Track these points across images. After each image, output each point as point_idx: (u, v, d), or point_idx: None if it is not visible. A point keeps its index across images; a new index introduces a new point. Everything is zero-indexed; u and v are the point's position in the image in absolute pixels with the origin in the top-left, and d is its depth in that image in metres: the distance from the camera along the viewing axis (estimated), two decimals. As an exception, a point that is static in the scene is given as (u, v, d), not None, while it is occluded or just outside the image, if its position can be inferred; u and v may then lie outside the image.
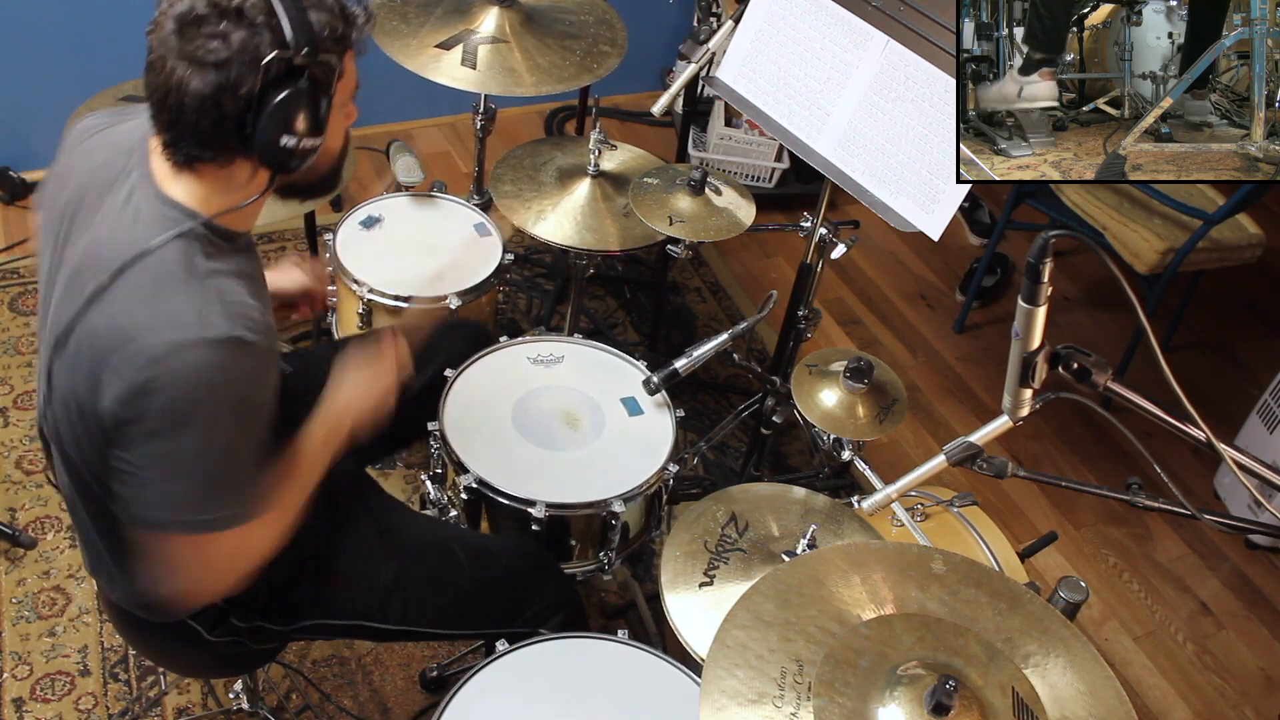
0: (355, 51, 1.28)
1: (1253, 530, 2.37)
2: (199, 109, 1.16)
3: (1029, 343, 1.20)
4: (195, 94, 1.15)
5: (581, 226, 2.23)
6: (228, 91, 1.16)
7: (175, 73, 1.15)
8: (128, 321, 1.18)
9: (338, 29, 1.22)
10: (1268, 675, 2.54)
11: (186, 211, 1.24)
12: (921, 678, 1.12)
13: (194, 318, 1.18)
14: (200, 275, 1.22)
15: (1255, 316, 3.62)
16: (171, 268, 1.21)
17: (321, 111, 1.23)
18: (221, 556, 1.30)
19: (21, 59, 2.95)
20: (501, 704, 1.47)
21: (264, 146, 1.20)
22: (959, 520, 1.97)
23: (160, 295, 1.19)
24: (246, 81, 1.15)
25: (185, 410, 1.17)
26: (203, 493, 1.22)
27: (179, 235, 1.22)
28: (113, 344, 1.18)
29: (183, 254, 1.22)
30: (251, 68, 1.15)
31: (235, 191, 1.26)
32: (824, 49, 1.90)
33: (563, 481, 1.78)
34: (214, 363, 1.18)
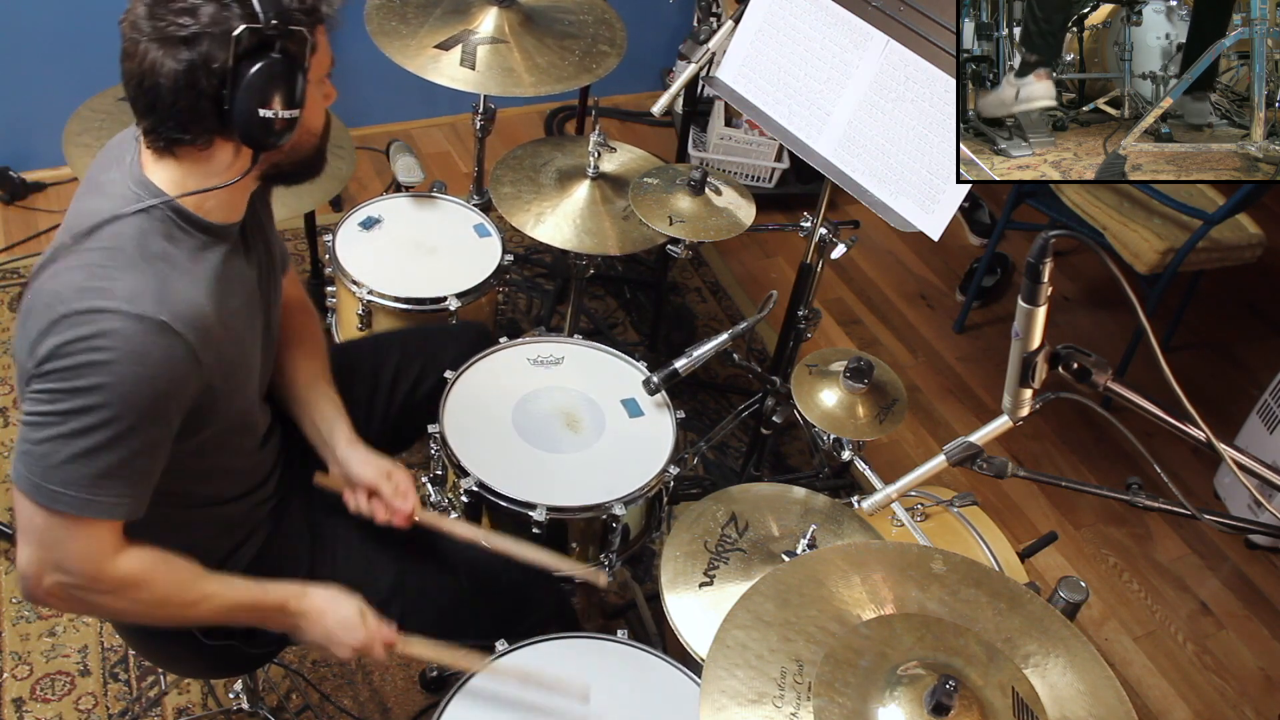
0: (327, 27, 1.28)
1: (1253, 530, 2.37)
2: (174, 89, 1.17)
3: (1029, 343, 1.20)
4: (170, 74, 1.16)
5: (581, 229, 2.23)
6: (201, 68, 1.16)
7: (148, 55, 1.16)
8: (67, 285, 1.18)
9: (306, 1, 1.22)
10: (1268, 675, 2.54)
11: (154, 190, 1.25)
12: (921, 678, 1.12)
13: (124, 291, 1.18)
14: (151, 257, 1.22)
15: (1255, 316, 3.62)
16: (123, 242, 1.21)
17: (297, 83, 1.22)
18: (62, 544, 1.23)
19: (21, 59, 2.95)
20: (501, 704, 1.47)
21: (242, 121, 1.19)
22: (959, 520, 1.97)
23: (105, 268, 1.19)
24: (219, 56, 1.16)
25: (87, 375, 1.15)
26: (65, 461, 1.18)
27: (140, 211, 1.22)
28: (49, 304, 1.18)
29: (139, 231, 1.22)
30: (222, 41, 1.15)
31: (215, 176, 1.26)
32: (824, 49, 1.90)
33: (563, 484, 1.78)
34: (127, 335, 1.16)
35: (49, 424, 1.17)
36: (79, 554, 1.24)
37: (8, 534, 2.28)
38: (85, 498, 1.20)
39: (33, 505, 1.21)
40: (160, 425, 1.23)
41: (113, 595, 1.29)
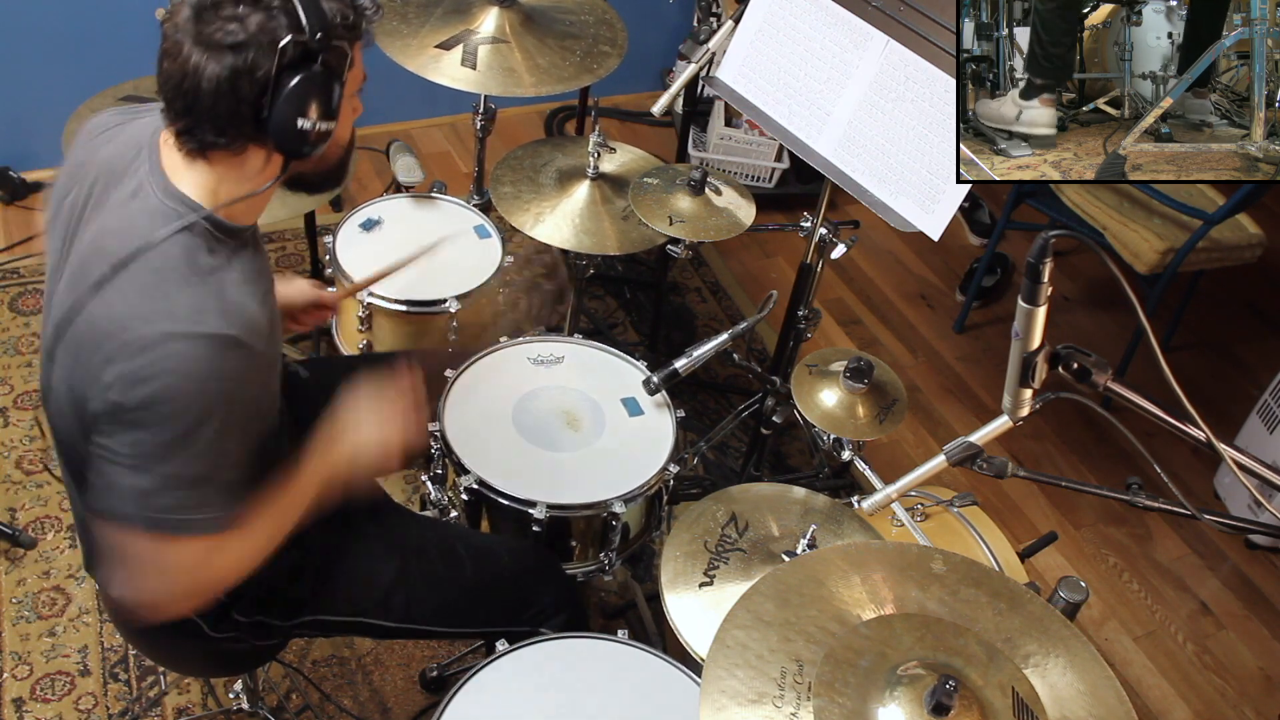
0: (364, 43, 1.29)
1: (1253, 530, 2.37)
2: (215, 93, 1.17)
3: (1029, 343, 1.20)
4: (212, 78, 1.17)
5: (580, 230, 2.23)
6: (245, 75, 1.17)
7: (191, 58, 1.17)
8: (125, 311, 1.18)
9: (349, 17, 1.24)
10: (1268, 675, 2.54)
11: (190, 204, 1.24)
12: (921, 678, 1.12)
13: (189, 312, 1.18)
14: (202, 272, 1.22)
15: (1255, 316, 3.62)
16: (174, 262, 1.21)
17: (335, 97, 1.24)
18: (181, 565, 1.26)
19: (21, 59, 2.95)
20: (501, 704, 1.47)
21: (279, 130, 1.21)
22: (959, 520, 1.97)
23: (160, 288, 1.20)
24: (263, 65, 1.17)
25: (167, 402, 1.17)
26: (173, 490, 1.20)
27: (182, 229, 1.22)
28: (108, 332, 1.18)
29: (185, 249, 1.22)
30: (268, 51, 1.17)
31: (246, 181, 1.27)
32: (824, 49, 1.90)
33: (563, 482, 1.78)
34: (203, 358, 1.17)
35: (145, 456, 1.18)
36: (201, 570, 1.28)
37: (8, 534, 2.28)
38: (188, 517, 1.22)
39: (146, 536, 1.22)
40: (242, 433, 1.26)
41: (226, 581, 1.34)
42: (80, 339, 1.22)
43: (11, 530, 2.29)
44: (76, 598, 2.23)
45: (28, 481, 2.43)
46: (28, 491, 2.41)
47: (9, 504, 2.38)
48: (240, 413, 1.25)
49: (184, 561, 1.26)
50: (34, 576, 2.26)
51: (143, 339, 1.16)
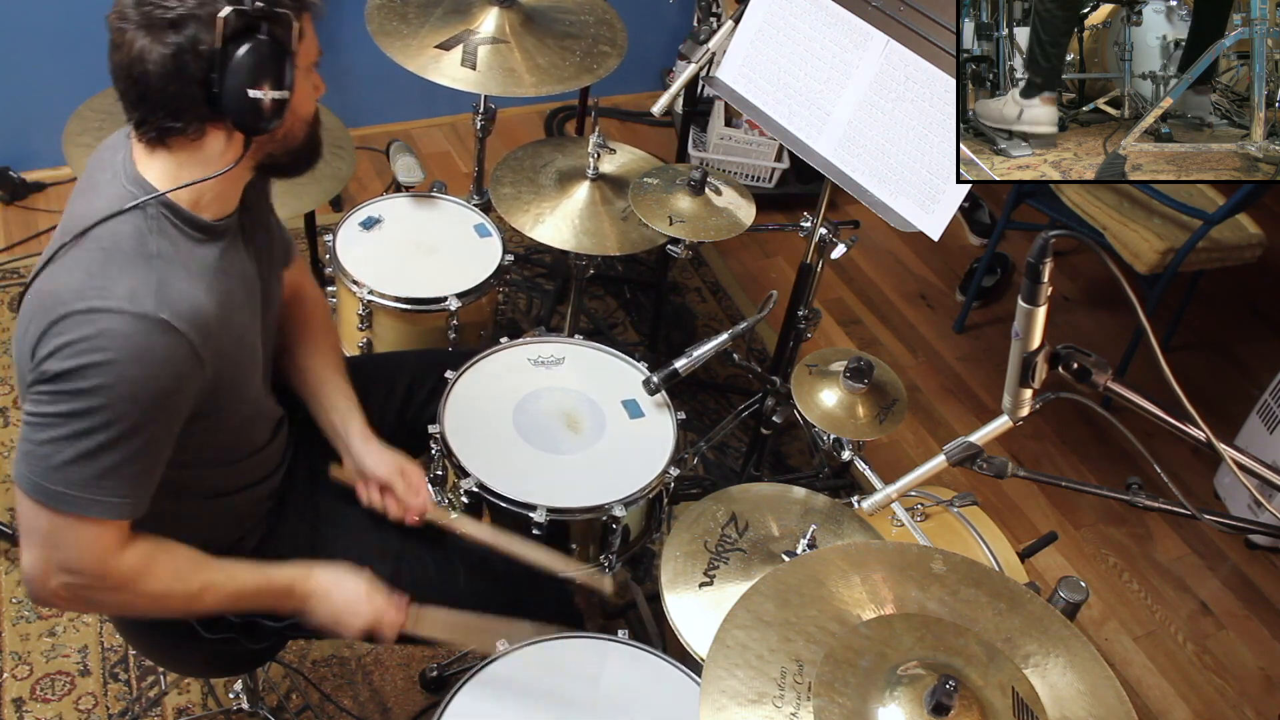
0: (313, 15, 1.28)
1: (1253, 530, 2.37)
2: (163, 75, 1.18)
3: (1029, 343, 1.20)
4: (158, 59, 1.17)
5: (580, 230, 2.23)
6: (189, 51, 1.17)
7: (135, 43, 1.17)
8: (65, 285, 1.19)
9: None
10: (1268, 675, 2.54)
11: (147, 188, 1.25)
12: (921, 678, 1.12)
13: (125, 291, 1.18)
14: (149, 255, 1.22)
15: (1255, 316, 3.62)
16: (121, 241, 1.22)
17: (285, 65, 1.23)
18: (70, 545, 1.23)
19: (21, 59, 2.95)
20: (501, 704, 1.47)
21: (232, 103, 1.20)
22: (959, 520, 1.97)
23: (103, 266, 1.20)
24: (205, 39, 1.17)
25: (85, 374, 1.16)
26: (76, 464, 1.18)
27: (135, 209, 1.23)
28: (47, 305, 1.18)
29: (135, 230, 1.23)
30: (208, 23, 1.16)
31: (209, 167, 1.26)
32: (824, 49, 1.90)
33: (563, 485, 1.78)
34: (127, 334, 1.16)
35: (51, 425, 1.18)
36: (84, 553, 1.24)
37: (8, 534, 2.28)
38: (89, 497, 1.20)
39: (36, 506, 1.21)
40: (162, 424, 1.24)
41: (118, 591, 1.30)
42: (26, 310, 1.22)
43: (11, 530, 2.29)
44: (76, 598, 2.23)
45: (28, 481, 2.43)
46: (28, 491, 2.41)
47: (9, 504, 2.38)
48: (166, 404, 1.22)
49: (74, 542, 1.23)
50: (34, 576, 2.26)
51: (75, 312, 1.16)
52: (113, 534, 1.25)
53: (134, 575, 1.30)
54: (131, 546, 1.28)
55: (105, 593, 1.30)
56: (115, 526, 1.25)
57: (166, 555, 1.33)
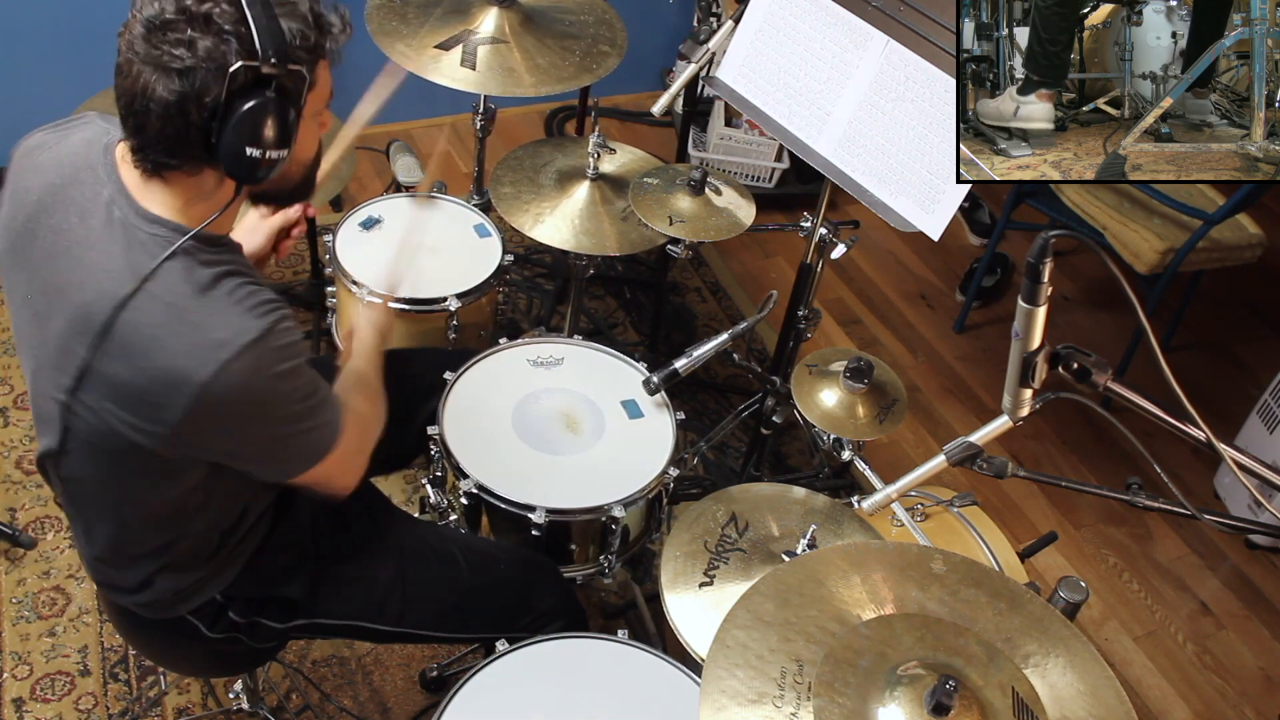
0: (330, 61, 1.26)
1: (1253, 530, 2.37)
2: (164, 116, 1.15)
3: (1029, 343, 1.20)
4: (161, 100, 1.14)
5: (579, 230, 2.23)
6: (192, 100, 1.14)
7: (141, 77, 1.14)
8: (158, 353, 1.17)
9: (310, 38, 1.20)
10: (1268, 675, 2.54)
11: (172, 226, 1.22)
12: (921, 678, 1.12)
13: (224, 330, 1.19)
14: (205, 285, 1.21)
15: (1255, 316, 3.62)
16: (178, 288, 1.20)
17: (289, 122, 1.20)
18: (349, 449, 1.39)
19: (21, 59, 2.95)
20: (501, 704, 1.47)
21: (229, 158, 1.18)
22: (959, 520, 1.97)
23: (181, 320, 1.18)
24: (211, 90, 1.14)
25: (260, 401, 1.23)
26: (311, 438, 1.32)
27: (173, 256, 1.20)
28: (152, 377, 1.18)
29: (182, 271, 1.21)
30: (217, 76, 1.13)
31: (206, 199, 1.25)
32: (824, 49, 1.90)
33: (563, 486, 1.78)
34: (261, 359, 1.20)
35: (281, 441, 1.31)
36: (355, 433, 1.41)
37: (8, 534, 2.28)
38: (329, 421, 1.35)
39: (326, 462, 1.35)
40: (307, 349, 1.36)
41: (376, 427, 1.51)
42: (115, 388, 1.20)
43: (11, 530, 2.29)
44: (76, 598, 2.23)
45: (28, 481, 2.43)
46: (28, 491, 2.41)
47: (9, 504, 2.38)
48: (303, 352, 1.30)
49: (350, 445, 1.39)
50: (34, 576, 2.26)
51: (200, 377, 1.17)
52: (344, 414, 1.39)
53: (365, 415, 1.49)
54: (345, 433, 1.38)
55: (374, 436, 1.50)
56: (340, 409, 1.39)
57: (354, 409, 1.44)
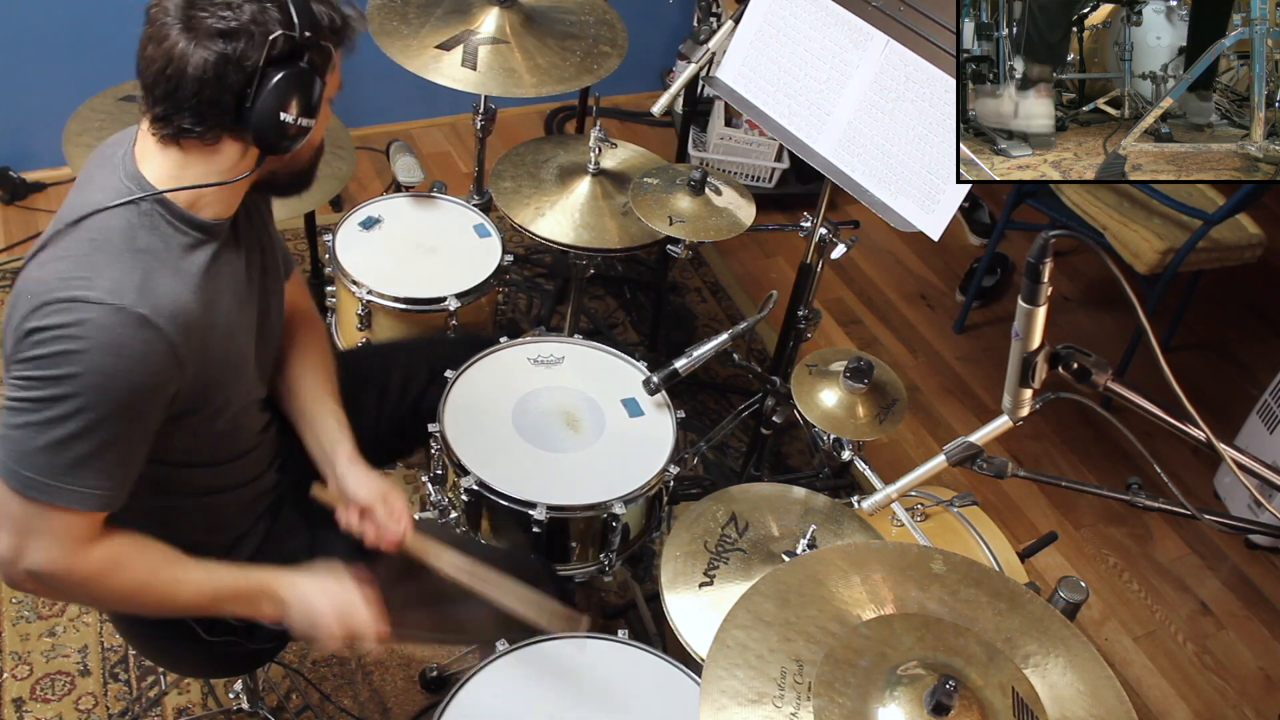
0: (345, 50, 1.30)
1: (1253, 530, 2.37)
2: (200, 79, 1.18)
3: (1029, 343, 1.20)
4: (199, 64, 1.17)
5: (580, 225, 2.23)
6: (232, 63, 1.18)
7: (178, 45, 1.17)
8: (52, 273, 1.19)
9: (336, 21, 1.26)
10: (1268, 675, 2.54)
11: (143, 185, 1.25)
12: (921, 678, 1.12)
13: (107, 283, 1.18)
14: (136, 250, 1.22)
15: (1255, 316, 3.62)
16: (110, 234, 1.22)
17: (316, 94, 1.25)
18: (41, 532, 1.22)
19: (21, 59, 2.95)
20: (501, 704, 1.47)
21: (261, 121, 1.21)
22: (959, 520, 1.97)
23: (90, 258, 1.20)
24: (252, 55, 1.18)
25: (61, 363, 1.16)
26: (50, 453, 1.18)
27: (129, 204, 1.23)
28: (33, 291, 1.18)
29: (126, 224, 1.23)
30: (259, 42, 1.18)
31: (215, 174, 1.27)
32: (824, 49, 1.90)
33: (563, 483, 1.78)
34: (106, 327, 1.16)
35: (25, 410, 1.18)
36: (52, 542, 1.23)
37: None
38: (59, 486, 1.19)
39: (9, 490, 1.20)
40: (136, 420, 1.23)
41: (86, 584, 1.28)
42: (13, 298, 1.22)
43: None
44: (76, 598, 2.24)
45: (28, 481, 2.43)
46: (28, 491, 2.41)
47: (9, 504, 2.38)
48: (139, 400, 1.21)
49: (43, 530, 1.22)
50: (34, 576, 2.26)
51: (57, 299, 1.16)
52: (83, 525, 1.23)
53: (103, 569, 1.28)
54: (103, 541, 1.27)
55: (73, 585, 1.28)
56: (86, 518, 1.23)
57: (139, 552, 1.31)
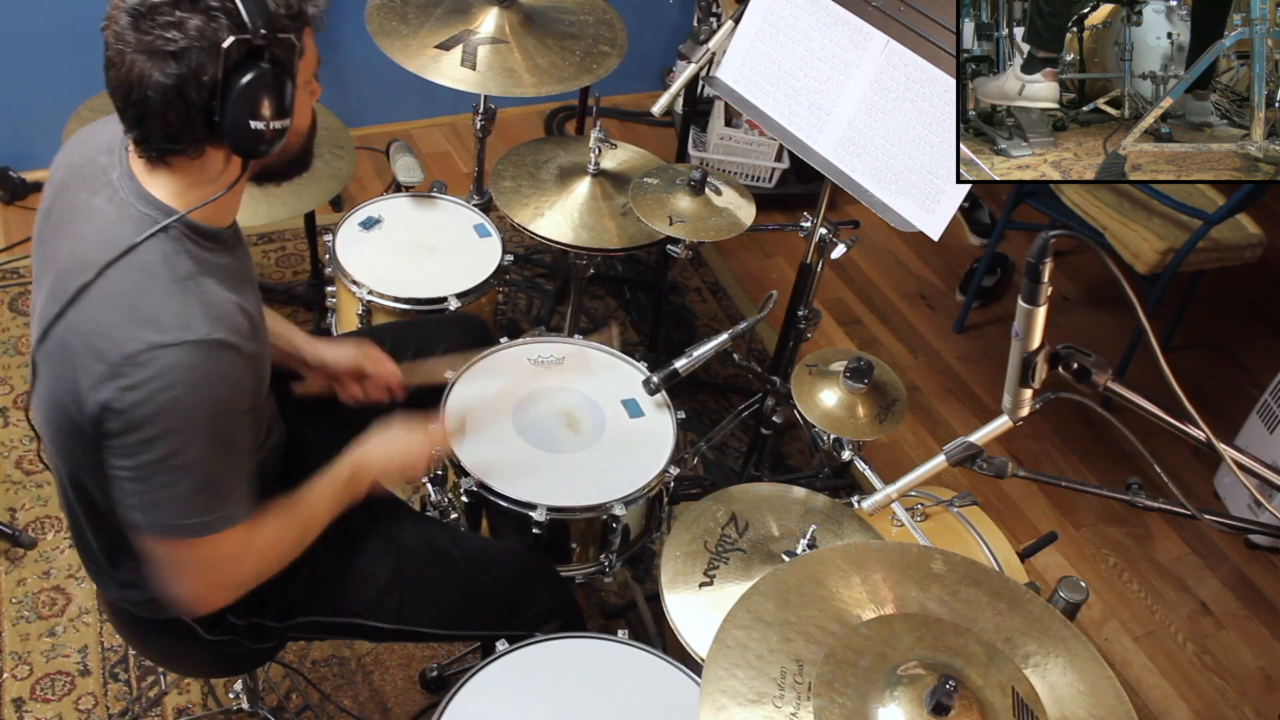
0: (313, 28, 1.27)
1: (1253, 530, 2.37)
2: (164, 102, 1.16)
3: (1029, 343, 1.20)
4: (158, 86, 1.15)
5: (579, 225, 2.23)
6: (190, 81, 1.15)
7: (135, 67, 1.15)
8: (107, 321, 1.18)
9: (294, 6, 1.21)
10: (1268, 675, 2.54)
11: (164, 208, 1.24)
12: (921, 678, 1.12)
13: (174, 320, 1.18)
14: (181, 278, 1.22)
15: (1255, 316, 3.62)
16: (153, 268, 1.21)
17: (286, 92, 1.22)
18: (210, 561, 1.30)
19: (21, 59, 2.95)
20: (501, 704, 1.47)
21: (233, 133, 1.19)
22: (959, 520, 1.97)
23: (141, 295, 1.19)
24: (208, 69, 1.15)
25: (160, 413, 1.17)
26: (185, 499, 1.22)
27: (158, 233, 1.22)
28: (91, 344, 1.18)
29: (163, 255, 1.22)
30: (211, 54, 1.14)
31: (211, 183, 1.26)
32: (824, 49, 1.90)
33: (563, 484, 1.78)
34: (192, 364, 1.17)
35: (152, 472, 1.20)
36: (229, 561, 1.32)
37: (8, 534, 2.28)
38: (215, 517, 1.26)
39: (174, 544, 1.27)
40: (240, 428, 1.28)
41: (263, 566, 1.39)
42: (62, 348, 1.21)
43: (11, 530, 2.29)
44: (76, 598, 2.23)
45: (28, 481, 2.43)
46: (28, 491, 2.41)
47: (9, 504, 2.38)
48: (238, 412, 1.26)
49: (212, 558, 1.30)
50: (34, 576, 2.26)
51: (131, 353, 1.16)
52: (242, 533, 1.30)
53: (266, 547, 1.38)
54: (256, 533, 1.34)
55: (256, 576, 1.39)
56: (242, 526, 1.30)
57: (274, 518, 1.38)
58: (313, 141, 1.39)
